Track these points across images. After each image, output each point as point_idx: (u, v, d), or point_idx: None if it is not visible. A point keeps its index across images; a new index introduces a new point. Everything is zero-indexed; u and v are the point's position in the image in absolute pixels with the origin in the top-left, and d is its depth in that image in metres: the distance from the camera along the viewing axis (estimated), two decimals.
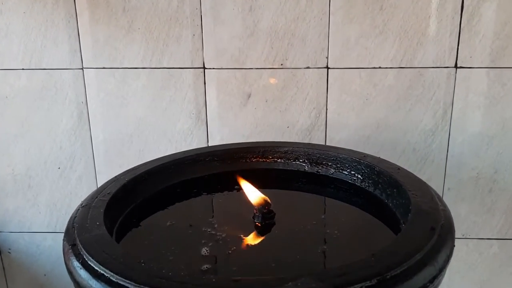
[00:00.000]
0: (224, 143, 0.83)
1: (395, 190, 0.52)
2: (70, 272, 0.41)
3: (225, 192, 0.59)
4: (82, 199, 0.54)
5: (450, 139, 0.80)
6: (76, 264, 0.40)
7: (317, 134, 0.81)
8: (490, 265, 0.88)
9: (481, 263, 0.88)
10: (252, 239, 0.47)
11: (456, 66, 0.76)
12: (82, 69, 0.81)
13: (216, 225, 0.50)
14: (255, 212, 0.51)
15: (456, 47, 0.76)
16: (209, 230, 0.49)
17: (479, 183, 0.82)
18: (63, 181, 0.89)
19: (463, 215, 0.85)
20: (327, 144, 0.82)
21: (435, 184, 0.84)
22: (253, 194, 0.52)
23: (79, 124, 0.85)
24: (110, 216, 0.49)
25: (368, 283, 0.35)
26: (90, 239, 0.42)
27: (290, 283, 0.35)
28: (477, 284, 0.89)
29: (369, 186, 0.57)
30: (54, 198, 0.90)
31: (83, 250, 0.41)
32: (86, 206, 0.48)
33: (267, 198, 0.51)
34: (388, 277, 0.36)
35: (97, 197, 0.50)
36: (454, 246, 0.42)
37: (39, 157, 0.86)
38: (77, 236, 0.43)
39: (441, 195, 0.86)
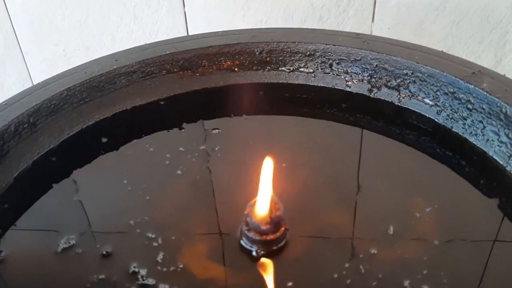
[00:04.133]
0: (208, 8, 0.52)
1: None
2: None
3: (193, 145, 0.31)
4: (13, 93, 0.30)
5: None
6: None
7: None
8: None
9: None
10: None
11: None
12: None
13: (160, 255, 0.23)
14: (244, 226, 0.23)
15: None
16: (142, 273, 0.22)
17: None
18: None
19: None
20: (376, 8, 0.50)
21: None
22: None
23: None
24: None
25: None
26: None
27: None
28: None
29: (481, 138, 0.28)
30: None
31: None
32: None
33: (272, 196, 0.23)
34: None
35: None
36: None
37: None
38: None
39: None
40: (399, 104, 0.32)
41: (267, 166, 0.24)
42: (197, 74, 0.34)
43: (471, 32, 0.53)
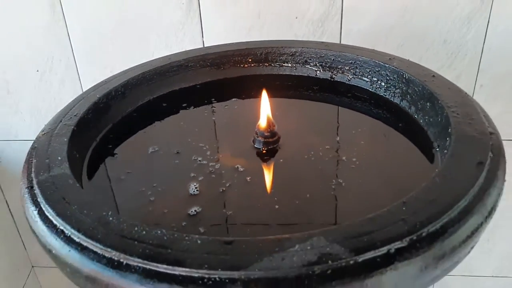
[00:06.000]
0: (221, 38, 0.71)
1: (428, 104, 0.42)
2: (29, 223, 0.33)
3: (220, 106, 0.49)
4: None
5: (488, 28, 0.67)
6: (33, 213, 0.32)
7: (330, 26, 0.69)
8: None
9: None
10: (251, 171, 0.38)
11: None
12: None
13: (208, 152, 0.41)
14: (255, 135, 0.41)
15: None
16: (199, 159, 0.40)
17: None
18: (45, 85, 0.80)
19: (495, 115, 0.75)
20: (342, 37, 0.70)
21: (465, 81, 0.73)
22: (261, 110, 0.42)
23: (52, 18, 0.73)
24: (79, 145, 0.40)
25: (398, 245, 0.27)
26: (49, 181, 0.34)
27: (297, 246, 0.27)
28: None
29: (394, 96, 0.47)
30: (37, 104, 0.81)
31: (40, 196, 0.33)
32: (47, 134, 0.39)
33: (270, 117, 0.41)
34: (424, 234, 0.28)
35: (61, 121, 0.41)
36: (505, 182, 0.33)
37: (14, 59, 0.76)
38: (34, 176, 0.35)
39: (471, 93, 0.75)
40: (349, 83, 0.51)
41: (264, 99, 0.42)
42: (220, 68, 0.53)
43: (412, 52, 0.72)
